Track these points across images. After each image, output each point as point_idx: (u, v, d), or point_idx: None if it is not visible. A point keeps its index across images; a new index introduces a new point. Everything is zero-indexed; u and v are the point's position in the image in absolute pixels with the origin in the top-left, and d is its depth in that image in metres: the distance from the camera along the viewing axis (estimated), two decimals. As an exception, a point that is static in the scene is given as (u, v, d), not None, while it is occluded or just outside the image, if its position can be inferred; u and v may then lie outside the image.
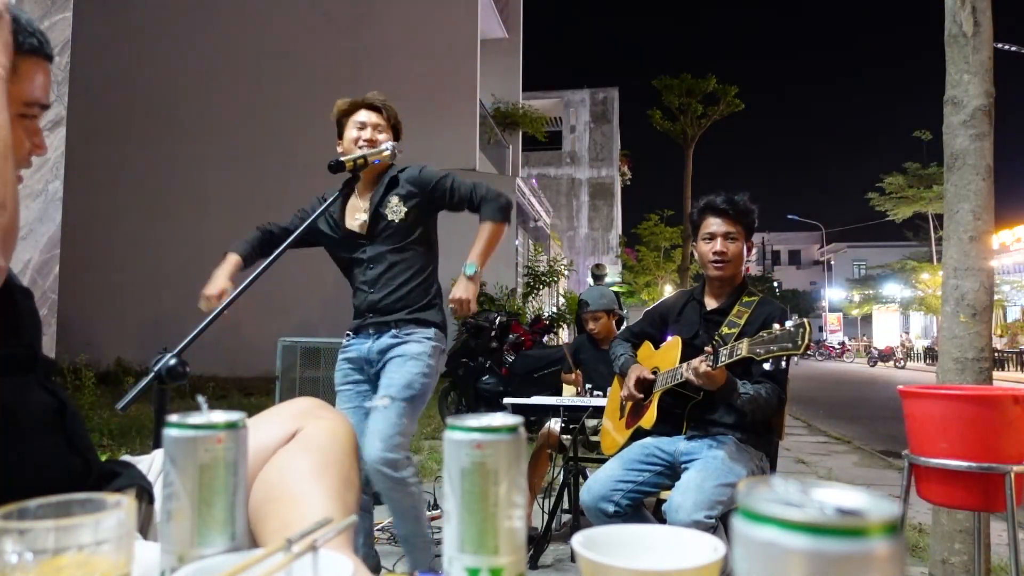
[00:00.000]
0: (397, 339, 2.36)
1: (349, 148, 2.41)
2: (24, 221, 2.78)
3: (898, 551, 0.33)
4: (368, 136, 2.41)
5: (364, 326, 2.42)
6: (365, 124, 2.43)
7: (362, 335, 2.43)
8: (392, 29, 12.49)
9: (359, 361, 2.42)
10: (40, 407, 0.95)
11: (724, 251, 2.31)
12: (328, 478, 0.95)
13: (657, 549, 0.60)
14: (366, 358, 2.40)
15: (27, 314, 1.04)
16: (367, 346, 2.40)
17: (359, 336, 2.45)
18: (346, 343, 2.48)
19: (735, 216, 2.30)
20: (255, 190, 12.08)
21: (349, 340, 2.47)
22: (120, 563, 0.54)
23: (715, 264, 2.33)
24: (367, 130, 2.42)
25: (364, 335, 2.43)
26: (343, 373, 2.46)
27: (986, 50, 2.75)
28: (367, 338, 2.41)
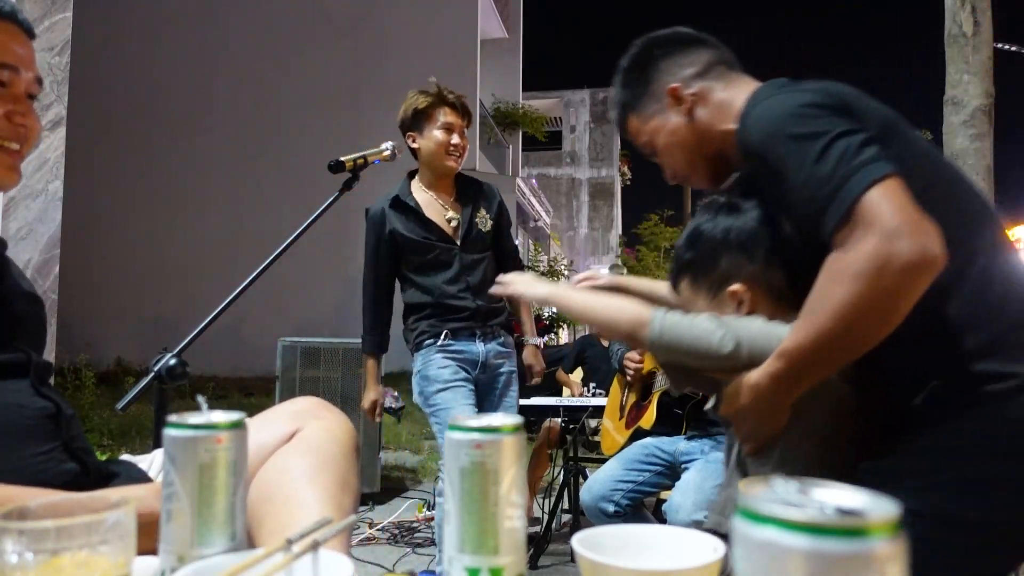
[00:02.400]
0: (506, 348, 2.44)
1: (436, 150, 2.35)
2: (24, 221, 2.78)
3: (898, 551, 0.33)
4: (458, 142, 2.37)
5: (466, 329, 2.38)
6: (452, 127, 2.36)
7: (463, 338, 2.38)
8: (392, 29, 12.48)
9: (471, 362, 2.38)
10: (36, 412, 0.95)
11: None
12: (325, 480, 0.95)
13: (657, 549, 0.60)
14: (483, 362, 2.39)
15: (28, 319, 1.03)
16: (477, 347, 2.38)
17: (460, 339, 2.38)
18: (443, 341, 2.37)
19: None
20: (255, 190, 12.08)
21: (447, 339, 2.37)
22: (120, 563, 0.54)
23: None
24: (455, 135, 2.36)
25: (466, 337, 2.38)
26: (453, 370, 2.35)
27: (986, 50, 2.75)
28: (471, 339, 2.38)
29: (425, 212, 2.40)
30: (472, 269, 2.40)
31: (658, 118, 1.19)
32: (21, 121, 0.96)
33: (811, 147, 0.90)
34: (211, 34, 12.83)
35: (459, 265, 2.38)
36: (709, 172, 1.19)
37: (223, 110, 12.59)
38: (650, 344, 1.02)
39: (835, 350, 0.91)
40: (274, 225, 6.91)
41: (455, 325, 2.38)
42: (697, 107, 1.15)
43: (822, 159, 0.88)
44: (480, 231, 2.43)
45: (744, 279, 1.08)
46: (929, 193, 0.90)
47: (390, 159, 2.35)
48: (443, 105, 2.37)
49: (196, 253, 12.23)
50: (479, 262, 2.41)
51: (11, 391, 0.94)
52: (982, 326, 0.93)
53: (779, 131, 0.95)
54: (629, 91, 1.23)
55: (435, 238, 2.39)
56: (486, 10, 13.96)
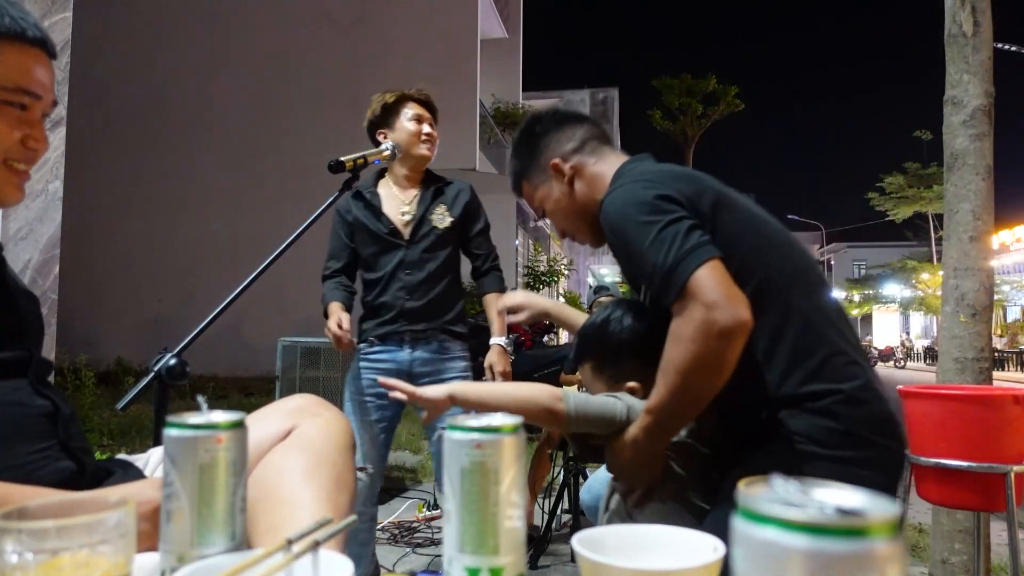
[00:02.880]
0: (440, 355, 2.31)
1: (409, 140, 2.33)
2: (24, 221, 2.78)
3: (898, 551, 0.33)
4: (429, 131, 2.35)
5: (395, 333, 2.31)
6: (422, 118, 2.36)
7: (392, 343, 2.32)
8: (392, 29, 12.48)
9: (393, 373, 2.25)
10: (34, 411, 0.95)
11: None
12: (321, 479, 0.95)
13: (657, 549, 0.60)
14: (406, 370, 2.29)
15: (29, 319, 1.04)
16: (403, 356, 2.30)
17: (388, 344, 2.32)
18: (369, 349, 2.34)
19: None
20: (255, 190, 12.08)
21: (373, 347, 2.34)
22: (120, 563, 0.54)
23: None
24: (426, 125, 2.35)
25: (395, 343, 2.31)
26: (368, 383, 2.31)
27: (986, 50, 2.75)
28: (399, 347, 2.31)
29: (383, 205, 2.38)
30: (415, 267, 2.32)
31: (544, 187, 1.40)
32: (34, 145, 0.98)
33: (646, 232, 1.13)
34: (211, 34, 12.83)
35: (399, 261, 2.32)
36: (590, 233, 1.39)
37: (223, 110, 12.59)
38: (567, 414, 1.20)
39: (685, 401, 1.12)
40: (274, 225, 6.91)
41: (382, 330, 2.32)
42: (576, 179, 1.37)
43: (656, 243, 1.12)
44: (434, 229, 2.34)
45: (640, 379, 1.29)
46: (752, 256, 1.18)
47: (390, 159, 2.35)
48: (409, 100, 2.37)
49: (196, 253, 12.23)
50: (426, 261, 2.32)
51: (10, 389, 0.94)
52: (808, 358, 1.16)
53: (624, 220, 1.18)
54: (520, 162, 1.43)
55: (384, 231, 2.34)
56: (486, 10, 13.95)
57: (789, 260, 1.24)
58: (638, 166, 1.31)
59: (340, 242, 2.43)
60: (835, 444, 1.13)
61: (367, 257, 2.39)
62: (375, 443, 2.31)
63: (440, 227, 2.35)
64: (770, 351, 1.16)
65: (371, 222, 2.36)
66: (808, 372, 1.15)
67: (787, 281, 1.20)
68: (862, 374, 1.18)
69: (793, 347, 1.16)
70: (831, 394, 1.14)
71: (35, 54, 0.96)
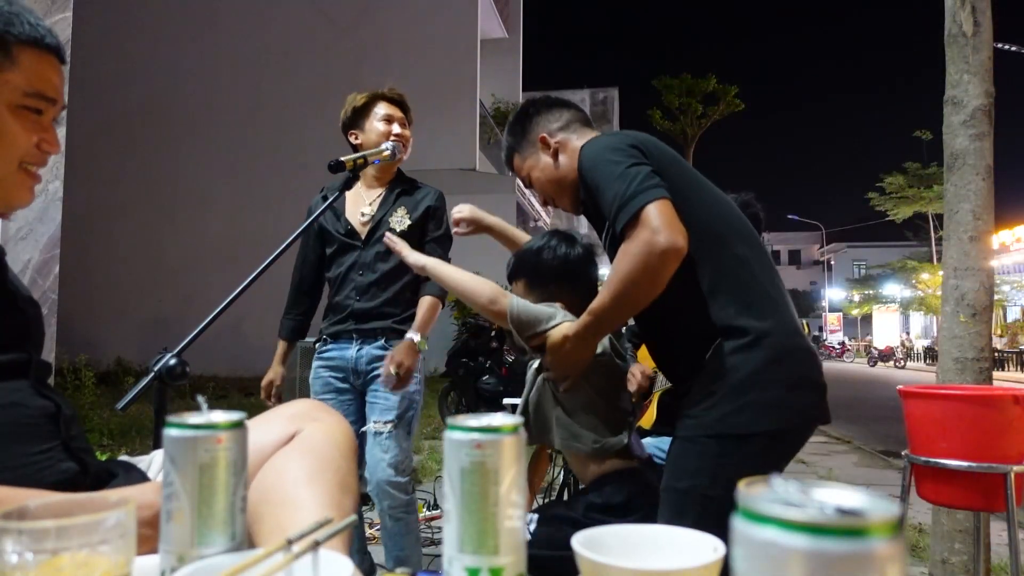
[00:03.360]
0: (385, 350, 2.30)
1: (377, 141, 2.32)
2: (24, 221, 2.78)
3: (898, 551, 0.33)
4: (399, 132, 2.34)
5: (345, 332, 2.34)
6: (392, 118, 2.35)
7: (342, 341, 2.35)
8: (392, 29, 12.48)
9: (344, 370, 2.33)
10: (36, 412, 0.96)
11: None
12: (324, 481, 0.95)
13: (657, 549, 0.60)
14: (353, 368, 2.32)
15: (31, 323, 1.04)
16: (351, 353, 2.32)
17: (339, 342, 2.36)
18: (322, 347, 2.38)
19: None
20: (255, 189, 12.08)
21: (326, 345, 2.38)
22: (120, 563, 0.54)
23: None
24: (395, 125, 2.34)
25: (345, 341, 2.34)
26: (324, 381, 2.36)
27: (986, 50, 2.75)
28: (348, 344, 2.33)
29: (346, 205, 2.39)
30: (367, 269, 2.32)
31: (532, 159, 1.60)
32: (47, 148, 0.99)
33: (615, 169, 1.33)
34: (211, 34, 12.83)
35: (353, 262, 2.34)
36: (570, 200, 1.59)
37: (223, 110, 12.59)
38: (509, 307, 1.46)
39: (622, 306, 1.34)
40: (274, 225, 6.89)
41: (333, 328, 2.36)
42: (560, 152, 1.56)
43: (620, 177, 1.32)
44: (391, 230, 2.29)
45: (563, 300, 1.59)
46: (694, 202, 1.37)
47: (390, 159, 2.35)
48: (380, 100, 2.36)
49: (196, 253, 12.23)
50: (379, 262, 2.31)
51: (12, 391, 0.95)
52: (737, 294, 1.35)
53: (598, 158, 1.39)
54: (513, 138, 1.63)
55: (342, 232, 2.36)
56: (486, 10, 13.95)
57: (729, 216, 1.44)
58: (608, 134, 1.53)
59: (303, 246, 2.47)
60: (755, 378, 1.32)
61: (329, 256, 2.42)
62: None
63: (397, 229, 2.33)
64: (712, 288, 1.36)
65: (331, 223, 2.38)
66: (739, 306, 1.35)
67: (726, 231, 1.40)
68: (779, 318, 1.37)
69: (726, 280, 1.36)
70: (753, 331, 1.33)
71: (50, 60, 0.98)
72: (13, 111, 0.95)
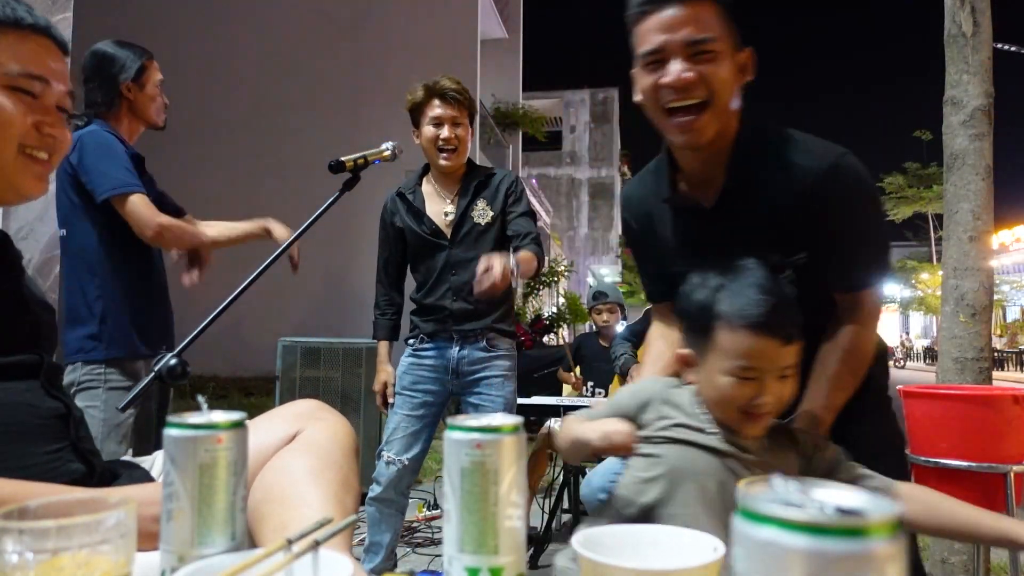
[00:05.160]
0: (489, 351, 2.31)
1: (428, 149, 2.30)
2: (24, 221, 2.78)
3: (898, 551, 0.33)
4: (446, 135, 2.27)
5: (444, 331, 2.32)
6: (442, 120, 2.28)
7: (440, 340, 2.32)
8: (392, 29, 12.48)
9: (440, 369, 2.32)
10: (47, 412, 0.96)
11: None
12: (327, 480, 0.95)
13: (657, 549, 0.60)
14: (454, 368, 2.31)
15: (44, 327, 1.05)
16: (451, 353, 2.31)
17: (436, 341, 2.33)
18: (418, 344, 2.36)
19: None
20: (255, 190, 12.08)
21: (424, 343, 2.35)
22: (120, 563, 0.54)
23: None
24: (445, 128, 2.27)
25: (443, 341, 2.32)
26: (414, 378, 2.34)
27: (986, 50, 2.75)
28: (448, 344, 2.31)
29: (425, 205, 2.37)
30: (460, 268, 2.30)
31: (729, 50, 1.19)
32: (50, 131, 0.97)
33: (884, 226, 1.30)
34: (211, 34, 12.83)
35: (444, 262, 2.32)
36: (716, 128, 1.20)
37: (223, 110, 12.59)
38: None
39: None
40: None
41: (431, 327, 2.34)
42: (743, 74, 1.23)
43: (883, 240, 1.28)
44: (476, 226, 2.32)
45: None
46: None
47: (390, 159, 2.34)
48: (433, 97, 2.30)
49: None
50: (471, 260, 2.24)
51: (23, 391, 0.95)
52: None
53: (876, 196, 1.30)
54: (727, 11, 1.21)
55: (427, 232, 2.34)
56: (486, 10, 13.95)
57: None
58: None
59: (385, 247, 2.46)
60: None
61: (414, 257, 2.40)
62: (415, 436, 2.33)
63: (482, 223, 2.32)
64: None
65: (415, 223, 2.36)
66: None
67: None
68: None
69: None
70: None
71: (37, 40, 0.97)
72: (5, 91, 0.94)
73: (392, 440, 2.32)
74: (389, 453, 2.30)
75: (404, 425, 2.32)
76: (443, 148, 2.29)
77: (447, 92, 2.29)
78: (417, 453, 2.33)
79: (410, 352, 2.39)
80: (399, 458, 2.29)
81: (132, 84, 2.12)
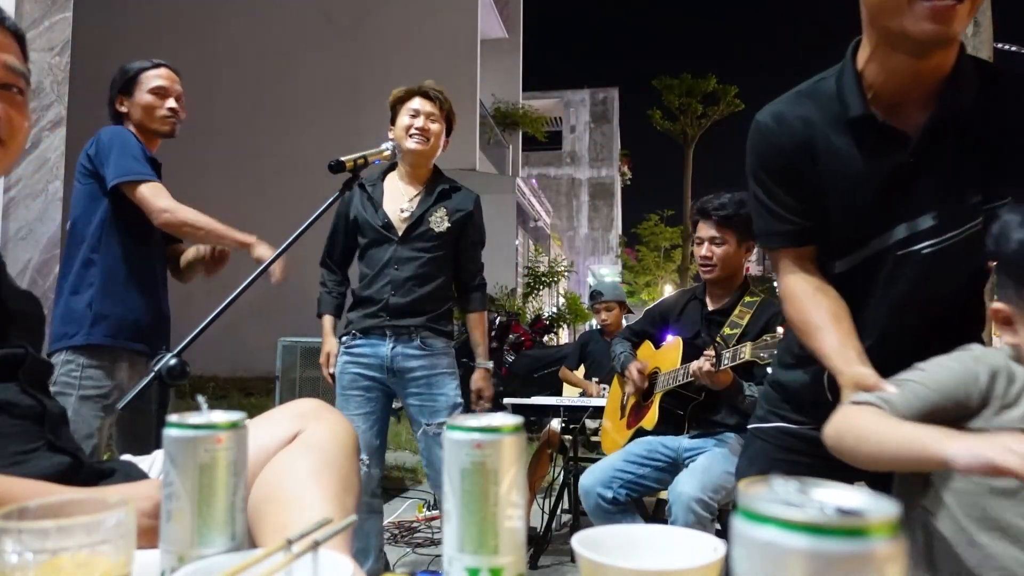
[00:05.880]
0: (423, 350, 2.32)
1: (400, 136, 2.37)
2: (24, 221, 2.78)
3: (898, 551, 0.33)
4: (421, 124, 2.36)
5: (377, 327, 2.34)
6: (418, 112, 2.37)
7: (374, 336, 2.34)
8: (392, 29, 12.48)
9: (376, 367, 2.33)
10: (19, 412, 0.94)
11: (708, 255, 2.32)
12: (327, 480, 0.95)
13: (657, 549, 0.60)
14: (388, 365, 2.32)
15: (25, 319, 1.03)
16: (384, 351, 2.32)
17: (370, 337, 2.35)
18: (351, 342, 2.38)
19: (720, 220, 2.30)
20: (255, 190, 12.08)
21: (355, 340, 2.37)
22: (120, 563, 0.54)
23: (701, 267, 2.36)
24: (420, 118, 2.36)
25: (377, 336, 2.34)
26: (351, 377, 2.36)
27: (986, 50, 2.75)
28: (382, 340, 2.33)
29: (384, 198, 2.41)
30: (403, 264, 2.33)
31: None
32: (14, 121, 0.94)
33: None
34: (211, 34, 12.82)
35: (389, 256, 2.34)
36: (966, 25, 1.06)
37: (223, 110, 12.59)
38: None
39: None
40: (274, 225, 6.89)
41: (367, 323, 2.36)
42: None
43: None
44: (430, 230, 2.35)
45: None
46: None
47: (390, 159, 2.35)
48: (414, 95, 2.40)
49: (196, 253, 12.21)
50: (416, 259, 2.33)
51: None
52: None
53: None
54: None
55: (379, 224, 2.37)
56: (486, 10, 13.95)
57: None
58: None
59: (336, 230, 2.51)
60: None
61: (362, 248, 2.43)
62: (370, 434, 2.34)
63: (436, 230, 2.36)
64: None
65: (369, 214, 2.40)
66: None
67: None
68: None
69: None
70: None
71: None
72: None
73: None
74: None
75: (356, 425, 2.31)
76: (414, 134, 2.36)
77: (428, 90, 2.40)
78: (375, 449, 2.35)
79: (344, 351, 2.40)
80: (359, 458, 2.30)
81: (122, 96, 2.16)
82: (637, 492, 2.28)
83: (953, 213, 1.08)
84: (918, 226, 1.10)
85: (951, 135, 1.09)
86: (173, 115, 2.21)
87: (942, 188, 1.06)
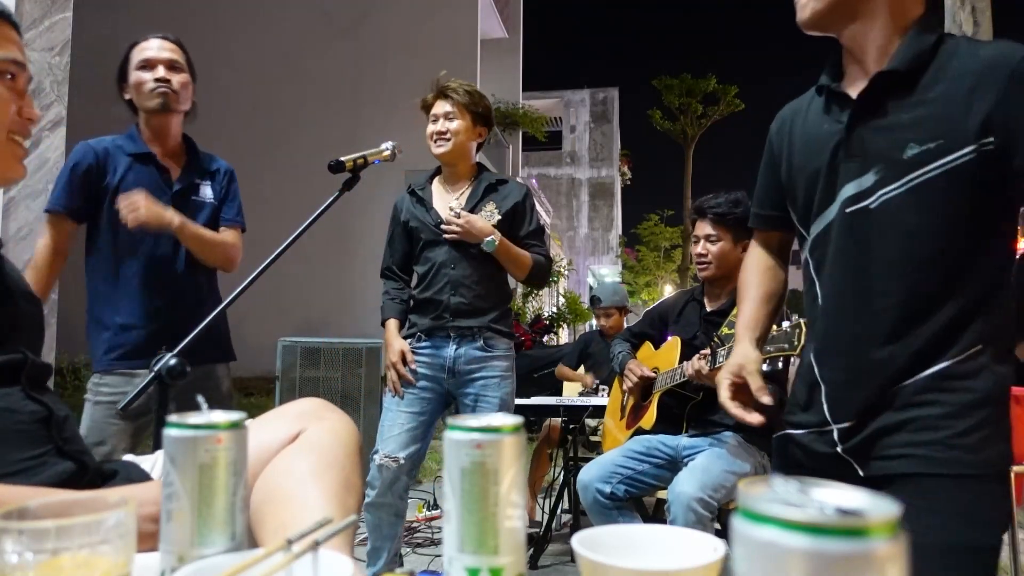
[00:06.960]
0: (486, 351, 2.31)
1: (429, 144, 2.38)
2: (24, 221, 2.78)
3: (898, 551, 0.33)
4: (439, 128, 2.36)
5: (440, 328, 2.32)
6: (437, 117, 2.37)
7: (437, 338, 2.33)
8: (392, 29, 12.48)
9: (437, 367, 2.31)
10: (26, 417, 0.94)
11: (704, 253, 2.33)
12: (328, 480, 0.95)
13: (657, 549, 0.60)
14: (450, 367, 2.31)
15: (27, 320, 1.03)
16: (448, 352, 2.31)
17: (433, 339, 2.34)
18: (415, 344, 2.35)
19: (715, 218, 2.31)
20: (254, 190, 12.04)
21: (420, 342, 2.35)
22: (120, 563, 0.54)
23: (697, 265, 2.37)
24: (439, 122, 2.36)
25: (440, 339, 2.33)
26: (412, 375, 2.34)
27: (986, 50, 2.75)
28: (445, 343, 2.32)
29: (433, 200, 2.41)
30: (459, 263, 2.31)
31: None
32: (28, 114, 0.98)
33: None
34: (211, 34, 12.81)
35: (445, 256, 2.33)
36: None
37: (223, 110, 12.57)
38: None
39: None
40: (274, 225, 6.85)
41: (428, 324, 2.34)
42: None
43: None
44: None
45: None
46: None
47: (390, 159, 2.35)
48: (437, 99, 2.40)
49: (196, 253, 12.20)
50: (472, 256, 2.31)
51: (1, 396, 0.93)
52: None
53: None
54: None
55: (432, 223, 2.36)
56: (486, 10, 13.95)
57: None
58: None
59: (393, 238, 2.49)
60: None
61: (418, 252, 2.42)
62: (412, 434, 2.30)
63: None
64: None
65: (421, 214, 2.39)
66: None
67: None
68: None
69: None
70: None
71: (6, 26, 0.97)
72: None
73: (387, 438, 2.28)
74: (384, 452, 2.27)
75: (401, 422, 2.30)
76: (435, 139, 2.36)
77: (445, 89, 2.38)
78: (413, 452, 2.30)
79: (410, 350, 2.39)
80: (395, 455, 2.25)
81: (124, 84, 2.13)
82: (636, 489, 2.28)
83: (893, 165, 1.13)
84: (864, 183, 1.17)
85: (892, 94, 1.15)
86: (161, 84, 1.99)
87: (882, 143, 1.14)
